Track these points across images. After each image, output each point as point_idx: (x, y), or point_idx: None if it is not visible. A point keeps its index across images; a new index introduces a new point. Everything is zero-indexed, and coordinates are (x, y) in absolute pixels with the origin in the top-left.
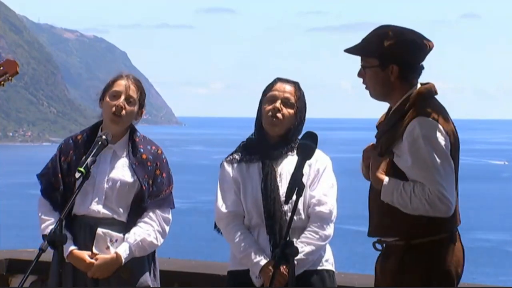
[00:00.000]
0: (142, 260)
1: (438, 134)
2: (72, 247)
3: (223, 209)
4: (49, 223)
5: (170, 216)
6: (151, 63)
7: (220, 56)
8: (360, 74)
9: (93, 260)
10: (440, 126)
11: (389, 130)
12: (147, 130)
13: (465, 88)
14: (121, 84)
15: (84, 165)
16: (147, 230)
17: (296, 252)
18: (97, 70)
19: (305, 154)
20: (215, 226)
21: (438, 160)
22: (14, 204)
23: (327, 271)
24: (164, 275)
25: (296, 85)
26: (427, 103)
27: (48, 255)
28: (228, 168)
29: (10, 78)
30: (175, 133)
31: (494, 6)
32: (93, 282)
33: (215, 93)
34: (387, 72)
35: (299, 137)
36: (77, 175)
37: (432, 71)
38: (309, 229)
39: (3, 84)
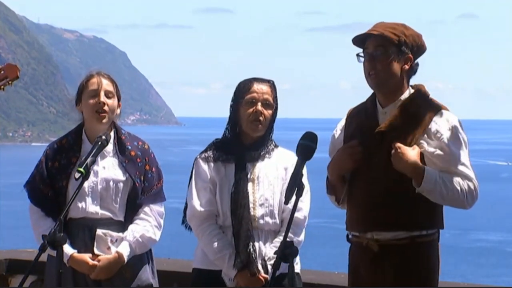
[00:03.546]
0: (142, 258)
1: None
2: (72, 251)
3: (198, 207)
4: (43, 230)
5: (163, 210)
6: (151, 63)
7: (219, 56)
8: (370, 60)
9: (95, 262)
10: None
11: (408, 123)
12: (146, 130)
13: (465, 88)
14: (94, 82)
15: (84, 165)
16: (145, 226)
17: (296, 252)
18: None
19: (305, 154)
20: (183, 222)
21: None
22: (14, 204)
23: (297, 274)
24: (164, 275)
25: (271, 83)
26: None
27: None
28: (204, 166)
29: (10, 82)
30: (175, 133)
31: (492, 6)
32: (95, 283)
33: (214, 93)
34: (401, 62)
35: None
36: (77, 175)
37: (431, 71)
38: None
39: (3, 89)
